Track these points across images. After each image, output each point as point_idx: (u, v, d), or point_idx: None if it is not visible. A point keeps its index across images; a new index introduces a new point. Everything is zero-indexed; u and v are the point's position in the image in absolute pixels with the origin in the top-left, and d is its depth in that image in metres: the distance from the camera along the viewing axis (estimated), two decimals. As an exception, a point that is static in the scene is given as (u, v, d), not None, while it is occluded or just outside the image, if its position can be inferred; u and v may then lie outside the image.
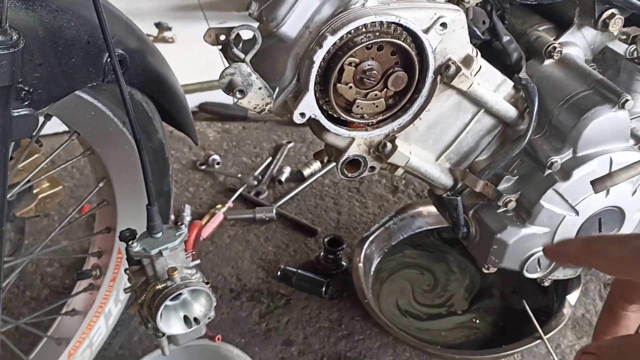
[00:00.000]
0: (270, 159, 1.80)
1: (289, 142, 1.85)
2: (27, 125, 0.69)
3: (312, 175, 1.72)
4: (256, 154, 1.84)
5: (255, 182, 1.70)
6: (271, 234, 1.57)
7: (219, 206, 1.60)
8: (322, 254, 1.46)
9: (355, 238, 1.53)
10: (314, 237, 1.55)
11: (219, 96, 1.98)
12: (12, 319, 1.04)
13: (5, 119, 0.65)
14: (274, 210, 1.59)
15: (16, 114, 0.67)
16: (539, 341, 1.17)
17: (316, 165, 1.74)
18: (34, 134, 0.73)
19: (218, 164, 1.77)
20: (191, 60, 2.08)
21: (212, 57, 2.11)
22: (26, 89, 0.71)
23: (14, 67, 0.62)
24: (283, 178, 1.71)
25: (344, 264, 1.45)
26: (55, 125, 0.95)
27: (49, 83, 0.73)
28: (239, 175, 1.73)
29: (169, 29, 2.21)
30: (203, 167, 1.76)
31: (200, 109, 1.97)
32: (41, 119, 0.82)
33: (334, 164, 0.91)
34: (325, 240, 1.44)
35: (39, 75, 0.72)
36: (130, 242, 0.83)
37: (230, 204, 1.61)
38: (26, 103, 0.71)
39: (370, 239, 1.40)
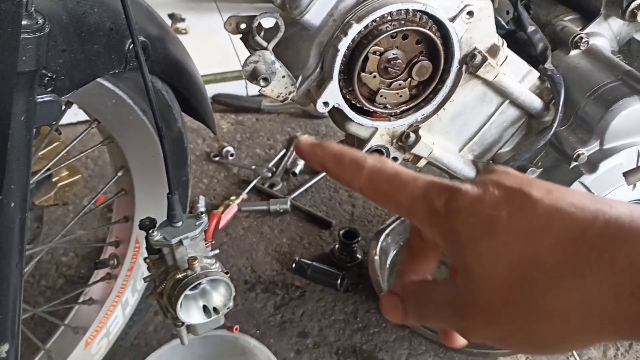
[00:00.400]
0: (284, 151, 1.79)
1: (302, 135, 1.84)
2: (51, 111, 0.69)
3: (326, 167, 1.71)
4: (270, 146, 1.83)
5: (269, 174, 1.70)
6: (285, 226, 1.56)
7: (233, 198, 1.59)
8: (337, 246, 1.45)
9: (370, 231, 1.52)
10: (328, 230, 1.54)
11: (232, 87, 1.98)
12: (30, 307, 1.04)
13: (30, 104, 0.64)
14: (288, 203, 1.58)
15: (40, 100, 0.67)
16: (557, 336, 1.16)
17: (330, 157, 1.73)
18: (55, 121, 0.72)
19: (232, 155, 1.76)
20: (204, 51, 2.07)
21: (226, 48, 2.11)
22: (49, 75, 0.70)
23: (39, 52, 0.61)
24: (297, 170, 1.70)
25: (359, 256, 1.44)
26: (71, 115, 0.95)
27: (72, 69, 0.73)
28: (253, 167, 1.72)
29: (183, 20, 2.20)
30: (217, 158, 1.76)
31: (213, 100, 1.96)
32: (63, 106, 0.81)
33: None
34: (341, 232, 1.43)
35: (62, 62, 0.71)
36: (150, 231, 0.82)
37: (244, 195, 1.61)
38: (49, 89, 0.70)
39: (387, 231, 1.39)
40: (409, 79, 0.83)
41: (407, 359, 1.25)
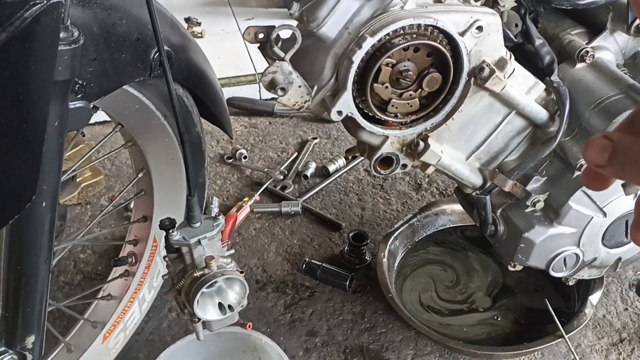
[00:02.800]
0: (296, 154, 1.83)
1: (314, 138, 1.88)
2: (81, 117, 0.73)
3: (337, 171, 1.75)
4: (282, 149, 1.87)
5: (281, 177, 1.74)
6: (296, 227, 1.60)
7: (245, 199, 1.63)
8: (346, 248, 1.49)
9: (379, 234, 1.56)
10: (338, 232, 1.58)
11: (246, 91, 2.02)
12: (53, 302, 1.09)
13: (63, 111, 0.68)
14: (300, 205, 1.62)
15: (72, 106, 0.71)
16: (560, 340, 1.19)
17: (341, 161, 1.77)
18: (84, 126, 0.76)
19: (245, 157, 1.80)
20: (219, 55, 2.12)
21: (240, 52, 2.16)
22: (80, 82, 0.74)
23: (74, 63, 0.65)
24: (308, 173, 1.74)
25: (368, 258, 1.48)
26: (93, 116, 0.99)
27: (100, 77, 0.77)
28: (266, 169, 1.76)
29: (199, 24, 2.25)
30: (230, 160, 1.80)
31: (227, 103, 2.00)
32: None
33: (359, 160, 0.93)
34: (350, 235, 1.47)
35: (92, 70, 0.75)
36: (170, 231, 0.86)
37: (256, 197, 1.65)
38: (79, 96, 0.74)
39: (395, 235, 1.42)
40: (420, 89, 0.86)
41: (413, 359, 1.29)
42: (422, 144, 0.89)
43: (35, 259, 0.74)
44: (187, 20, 2.24)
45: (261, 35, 0.87)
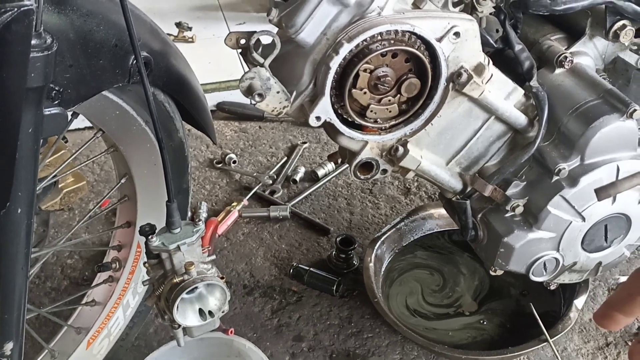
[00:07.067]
0: (285, 158, 1.83)
1: (304, 143, 1.88)
2: (58, 123, 0.73)
3: (326, 175, 1.76)
4: (272, 154, 1.87)
5: (270, 181, 1.74)
6: (285, 232, 1.60)
7: (234, 204, 1.64)
8: (334, 253, 1.49)
9: (367, 238, 1.56)
10: (326, 237, 1.58)
11: (236, 96, 2.02)
12: (34, 308, 1.09)
13: (38, 117, 0.68)
14: (288, 209, 1.62)
15: (47, 112, 0.71)
16: (545, 344, 1.20)
17: (330, 166, 1.77)
18: (61, 132, 0.76)
19: (234, 162, 1.80)
20: (210, 59, 2.13)
21: (231, 57, 2.16)
22: (57, 88, 0.75)
23: (47, 69, 0.65)
24: (297, 178, 1.74)
25: (355, 263, 1.48)
26: (78, 122, 0.99)
27: (78, 83, 0.77)
28: (255, 174, 1.76)
29: (190, 28, 2.25)
30: (220, 165, 1.80)
31: (217, 108, 2.01)
32: (69, 118, 0.86)
33: (348, 165, 0.94)
34: (338, 239, 1.47)
35: (69, 76, 0.76)
36: (149, 237, 0.86)
37: (245, 202, 1.65)
38: (56, 102, 0.75)
39: (382, 239, 1.42)
40: (398, 95, 0.87)
41: (399, 363, 1.29)
42: (401, 149, 0.89)
43: (12, 266, 0.74)
44: (178, 25, 2.24)
45: (242, 41, 0.88)
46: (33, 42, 0.62)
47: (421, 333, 1.28)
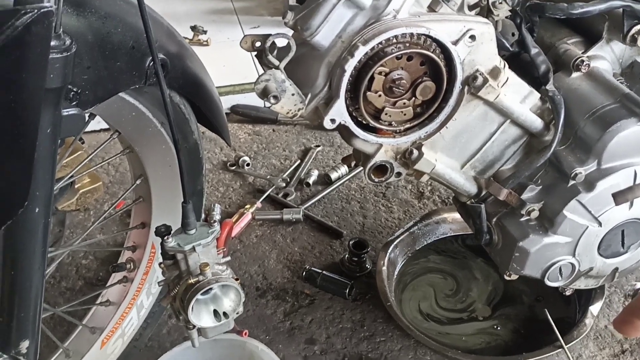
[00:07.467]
0: (298, 161, 1.84)
1: (317, 146, 1.88)
2: (75, 124, 0.74)
3: (339, 179, 1.75)
4: (285, 157, 1.88)
5: (284, 184, 1.74)
6: (297, 235, 1.60)
7: (247, 206, 1.64)
8: (347, 256, 1.49)
9: (380, 242, 1.55)
10: (339, 240, 1.58)
11: (250, 99, 2.03)
12: (50, 307, 1.10)
13: (56, 118, 0.69)
14: (301, 212, 1.62)
15: (65, 113, 0.72)
16: (560, 350, 1.19)
17: (343, 169, 1.77)
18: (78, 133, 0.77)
19: (248, 165, 1.81)
20: (225, 63, 2.14)
21: (245, 60, 2.17)
22: (75, 90, 0.76)
23: (66, 70, 0.66)
24: (311, 181, 1.74)
25: (368, 267, 1.47)
26: (94, 124, 1.00)
27: (95, 85, 0.78)
28: (268, 176, 1.77)
29: (204, 32, 2.26)
30: (233, 167, 1.81)
31: (231, 111, 2.02)
32: (86, 119, 0.86)
33: (362, 168, 0.94)
34: (351, 243, 1.47)
35: (86, 78, 0.77)
36: (165, 238, 0.87)
37: (258, 204, 1.65)
38: (74, 103, 0.76)
39: (395, 243, 1.42)
40: (413, 98, 0.86)
41: (412, 368, 1.28)
42: (416, 152, 0.89)
43: (29, 265, 0.75)
44: (193, 28, 2.26)
45: (258, 44, 0.88)
46: (52, 43, 0.63)
47: (434, 337, 1.28)
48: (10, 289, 0.76)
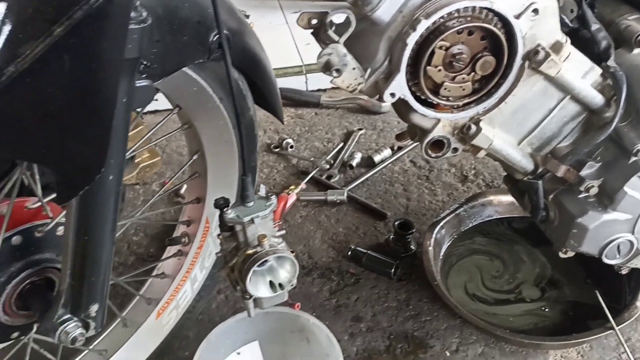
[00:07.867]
0: (341, 144, 1.85)
1: (360, 129, 1.89)
2: (146, 95, 0.77)
3: (382, 161, 1.76)
4: (328, 139, 1.89)
5: (327, 166, 1.75)
6: (342, 216, 1.62)
7: (292, 187, 1.66)
8: (391, 237, 1.50)
9: (424, 224, 1.56)
10: (383, 221, 1.59)
11: (293, 82, 2.04)
12: (112, 277, 1.13)
13: (131, 88, 0.71)
14: (345, 194, 1.64)
15: (138, 84, 0.74)
16: (609, 332, 1.18)
17: (386, 152, 1.78)
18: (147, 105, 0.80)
19: (291, 147, 1.83)
20: (267, 47, 2.14)
21: (287, 44, 2.19)
22: (145, 62, 0.78)
23: (142, 42, 0.68)
24: (354, 163, 1.76)
25: (413, 248, 1.48)
26: (152, 104, 1.02)
27: (163, 58, 0.80)
28: (312, 158, 1.78)
29: (247, 16, 2.28)
30: (277, 150, 1.83)
31: (274, 94, 2.03)
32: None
33: (405, 151, 0.94)
34: (396, 223, 1.48)
35: (155, 51, 0.79)
36: (224, 209, 0.89)
37: (303, 185, 1.67)
38: (144, 75, 0.78)
39: (441, 224, 1.43)
40: (473, 73, 0.87)
41: (458, 347, 1.29)
42: (473, 127, 0.89)
43: (102, 230, 0.78)
44: (236, 12, 2.28)
45: (314, 21, 0.89)
46: (131, 14, 0.65)
47: (481, 317, 1.28)
48: (83, 253, 0.79)
